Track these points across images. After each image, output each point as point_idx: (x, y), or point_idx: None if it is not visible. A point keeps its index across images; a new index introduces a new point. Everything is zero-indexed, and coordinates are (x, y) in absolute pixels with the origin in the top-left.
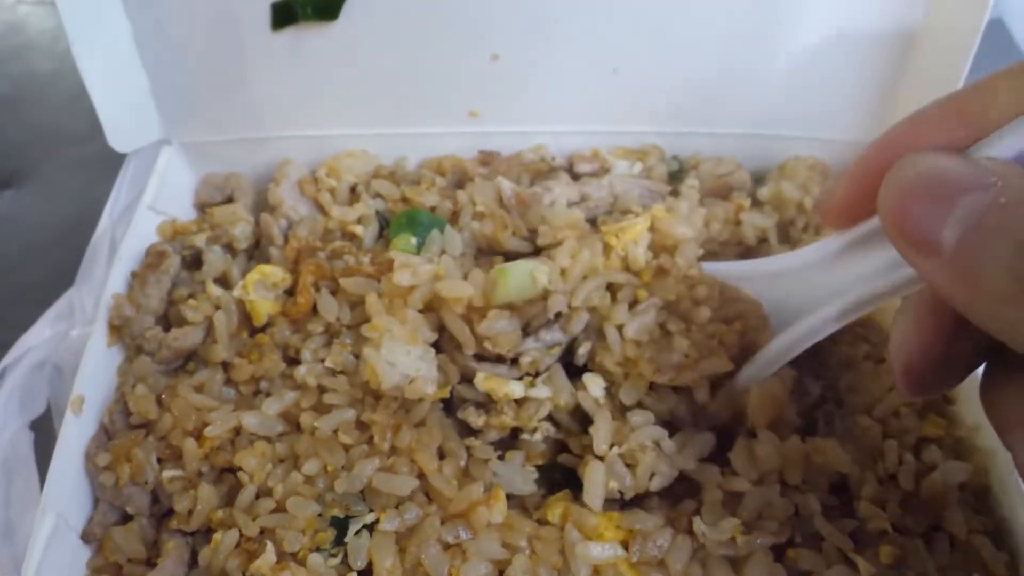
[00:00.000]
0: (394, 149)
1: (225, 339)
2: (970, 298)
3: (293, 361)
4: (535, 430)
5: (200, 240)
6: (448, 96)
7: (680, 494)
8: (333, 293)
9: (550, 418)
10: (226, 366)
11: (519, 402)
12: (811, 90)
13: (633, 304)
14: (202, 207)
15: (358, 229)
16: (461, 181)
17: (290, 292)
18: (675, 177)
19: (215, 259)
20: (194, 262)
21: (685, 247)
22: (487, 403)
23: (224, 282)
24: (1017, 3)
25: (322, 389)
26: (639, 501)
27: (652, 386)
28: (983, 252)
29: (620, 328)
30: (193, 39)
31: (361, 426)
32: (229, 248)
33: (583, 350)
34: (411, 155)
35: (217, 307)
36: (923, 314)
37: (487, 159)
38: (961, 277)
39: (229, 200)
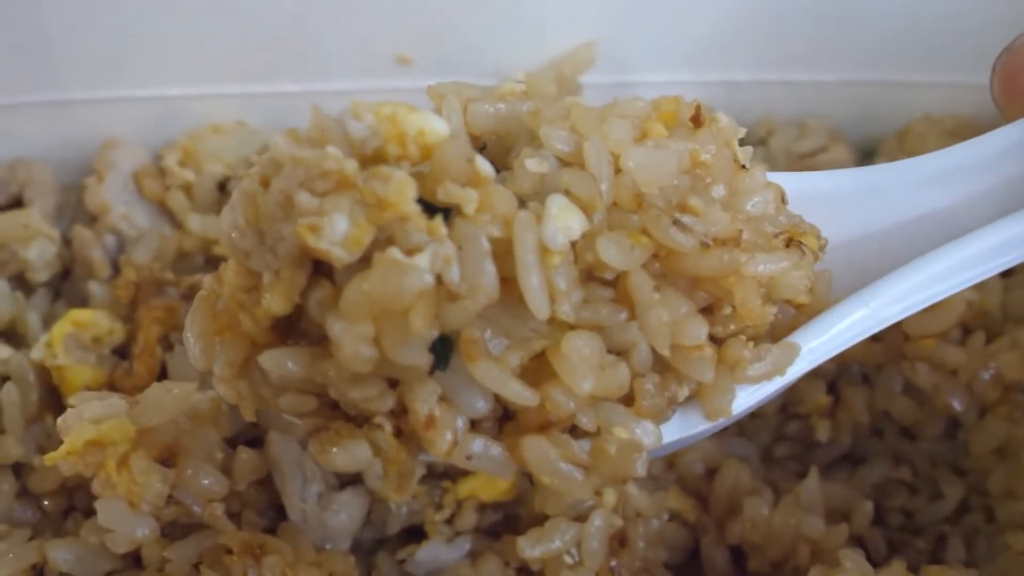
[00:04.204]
0: (283, 117)
1: (19, 428)
2: None
3: None
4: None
5: None
6: (364, 34)
7: None
8: None
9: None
10: (20, 469)
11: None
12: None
13: (640, 138)
14: None
15: None
16: None
17: (123, 353)
18: None
19: None
20: None
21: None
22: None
23: (14, 336)
24: None
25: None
26: None
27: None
28: None
29: (616, 159)
30: None
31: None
32: (20, 282)
33: (533, 165)
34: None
35: (5, 378)
36: None
37: None
38: None
39: (18, 203)
